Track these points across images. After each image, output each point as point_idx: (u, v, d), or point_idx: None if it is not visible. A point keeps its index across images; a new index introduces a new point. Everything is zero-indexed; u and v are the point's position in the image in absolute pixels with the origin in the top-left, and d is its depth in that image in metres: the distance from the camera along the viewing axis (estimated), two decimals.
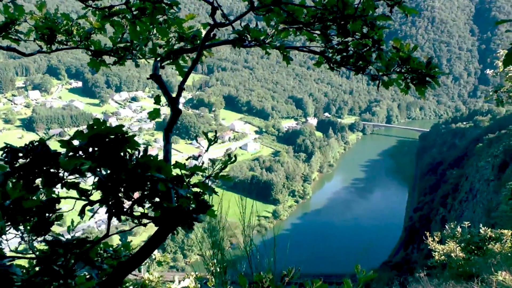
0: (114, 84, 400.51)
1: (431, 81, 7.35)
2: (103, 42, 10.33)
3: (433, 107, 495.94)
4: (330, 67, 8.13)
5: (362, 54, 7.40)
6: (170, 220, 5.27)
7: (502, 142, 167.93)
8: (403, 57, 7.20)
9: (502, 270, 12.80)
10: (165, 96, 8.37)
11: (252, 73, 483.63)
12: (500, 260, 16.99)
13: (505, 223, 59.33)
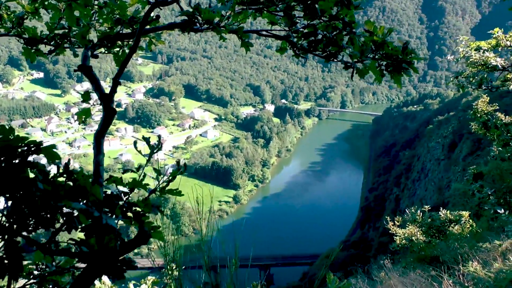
0: (75, 74, 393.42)
1: (408, 68, 6.47)
2: (41, 29, 8.64)
3: (385, 92, 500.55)
4: (295, 53, 6.87)
5: (333, 38, 6.36)
6: (90, 267, 3.90)
7: (451, 123, 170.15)
8: (377, 42, 6.28)
9: (471, 260, 12.24)
10: (97, 92, 6.18)
11: (211, 62, 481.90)
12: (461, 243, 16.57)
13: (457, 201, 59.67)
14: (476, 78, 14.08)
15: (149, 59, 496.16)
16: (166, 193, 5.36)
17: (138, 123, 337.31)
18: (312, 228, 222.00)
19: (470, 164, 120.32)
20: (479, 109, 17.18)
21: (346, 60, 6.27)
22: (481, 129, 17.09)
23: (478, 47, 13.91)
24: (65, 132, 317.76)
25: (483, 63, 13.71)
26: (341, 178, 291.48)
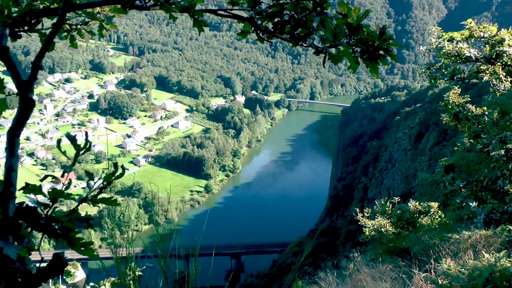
0: (47, 65, 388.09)
1: (385, 55, 5.71)
2: None
3: (354, 83, 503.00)
4: (259, 37, 6.08)
5: (302, 19, 5.58)
6: None
7: (418, 114, 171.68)
8: (351, 25, 5.52)
9: (441, 251, 11.83)
10: (13, 79, 3.89)
11: (182, 54, 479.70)
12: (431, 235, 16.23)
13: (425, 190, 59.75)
14: (449, 70, 13.66)
15: (120, 50, 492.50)
16: (99, 202, 4.03)
17: (110, 114, 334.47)
18: (282, 217, 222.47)
19: (436, 154, 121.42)
20: (450, 101, 16.81)
21: (317, 44, 5.44)
22: (452, 120, 16.74)
23: (451, 38, 13.48)
24: (37, 123, 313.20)
25: (456, 54, 13.30)
26: (310, 168, 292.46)
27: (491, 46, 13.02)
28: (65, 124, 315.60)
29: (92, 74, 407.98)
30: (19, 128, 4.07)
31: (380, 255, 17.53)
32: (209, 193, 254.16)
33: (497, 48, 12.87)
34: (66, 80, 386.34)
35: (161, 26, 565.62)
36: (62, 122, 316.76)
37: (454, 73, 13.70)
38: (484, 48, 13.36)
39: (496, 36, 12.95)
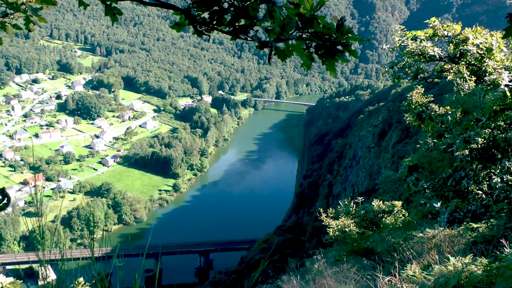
0: (14, 66, 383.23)
1: (344, 51, 5.04)
2: None
3: (319, 83, 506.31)
4: (196, 30, 5.26)
5: (243, 8, 4.73)
6: None
7: (381, 113, 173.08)
8: (304, 16, 4.80)
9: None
10: None
11: (149, 55, 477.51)
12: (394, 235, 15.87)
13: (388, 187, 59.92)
14: (412, 69, 13.26)
15: (88, 51, 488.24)
16: None
17: (79, 115, 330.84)
18: (250, 214, 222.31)
19: (399, 152, 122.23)
20: (413, 101, 16.43)
21: (262, 38, 4.49)
22: (416, 120, 16.37)
23: (415, 36, 13.08)
24: (5, 124, 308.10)
25: (420, 53, 12.90)
26: (276, 166, 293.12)
27: (455, 45, 12.66)
28: (33, 125, 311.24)
29: (59, 75, 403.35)
30: None
31: (344, 255, 17.13)
32: (177, 192, 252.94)
33: (461, 47, 12.52)
34: (34, 81, 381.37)
35: (128, 27, 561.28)
36: (30, 123, 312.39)
37: (418, 72, 13.31)
38: (448, 47, 13.00)
39: (460, 35, 12.61)
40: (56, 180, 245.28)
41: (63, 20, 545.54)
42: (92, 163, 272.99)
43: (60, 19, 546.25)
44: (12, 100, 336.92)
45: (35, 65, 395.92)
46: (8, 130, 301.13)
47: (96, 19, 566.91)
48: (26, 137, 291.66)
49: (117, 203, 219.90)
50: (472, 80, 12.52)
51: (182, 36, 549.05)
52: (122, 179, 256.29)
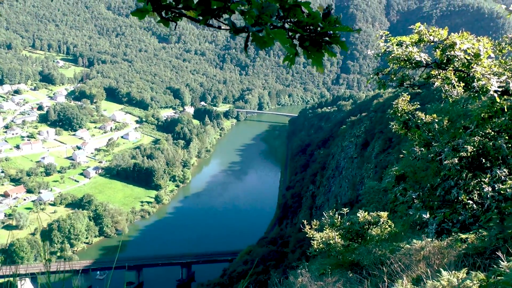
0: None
1: (332, 43, 4.47)
2: None
3: (301, 94, 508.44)
4: (161, 17, 4.64)
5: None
6: None
7: (363, 123, 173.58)
8: (286, 2, 4.15)
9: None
10: None
11: (131, 66, 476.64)
12: (381, 247, 15.42)
13: (372, 198, 59.71)
14: (398, 76, 12.84)
15: (70, 61, 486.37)
16: None
17: (60, 126, 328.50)
18: (232, 226, 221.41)
19: (382, 162, 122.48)
20: (399, 108, 16.02)
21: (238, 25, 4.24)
22: (402, 128, 15.95)
23: (400, 42, 12.67)
24: None
25: (406, 59, 12.48)
26: (259, 177, 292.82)
27: (441, 50, 12.28)
28: (14, 136, 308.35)
29: (41, 86, 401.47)
30: None
31: (329, 269, 16.66)
32: (159, 203, 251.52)
33: (448, 52, 12.14)
34: (15, 92, 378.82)
35: (110, 37, 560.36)
36: (12, 134, 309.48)
37: (403, 79, 12.90)
38: (434, 52, 12.61)
39: (446, 40, 12.23)
40: (37, 192, 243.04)
41: (46, 31, 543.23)
42: (74, 174, 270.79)
43: (43, 29, 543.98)
44: None
45: (17, 76, 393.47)
46: None
47: (79, 30, 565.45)
48: (7, 148, 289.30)
49: (99, 215, 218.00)
50: (460, 86, 12.13)
51: (164, 48, 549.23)
52: (104, 191, 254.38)
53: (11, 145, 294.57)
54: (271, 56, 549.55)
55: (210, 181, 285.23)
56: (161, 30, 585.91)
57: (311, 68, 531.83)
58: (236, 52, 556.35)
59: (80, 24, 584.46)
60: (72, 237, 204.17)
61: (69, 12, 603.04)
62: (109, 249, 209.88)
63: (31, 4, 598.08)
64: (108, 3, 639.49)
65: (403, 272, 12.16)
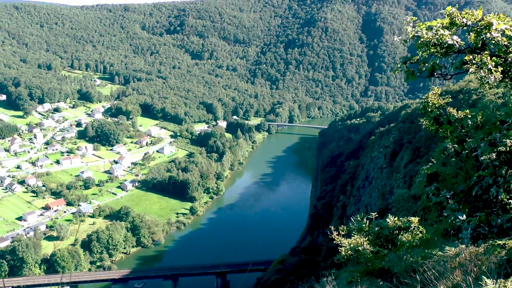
0: (37, 96, 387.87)
1: None
2: None
3: (330, 106, 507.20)
4: None
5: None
6: None
7: (392, 134, 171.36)
8: None
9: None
10: None
11: (166, 82, 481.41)
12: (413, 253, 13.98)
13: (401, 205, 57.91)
14: (427, 65, 11.44)
15: (107, 80, 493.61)
16: None
17: (98, 141, 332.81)
18: (265, 235, 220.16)
19: (411, 171, 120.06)
20: (429, 103, 14.57)
21: None
22: (433, 125, 14.49)
23: (430, 27, 11.28)
24: (28, 152, 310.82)
25: (436, 43, 11.08)
26: (290, 188, 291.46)
27: (476, 33, 10.84)
28: (54, 152, 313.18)
29: (80, 103, 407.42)
30: None
31: (358, 277, 15.25)
32: (194, 215, 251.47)
33: (483, 35, 10.70)
34: (55, 110, 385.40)
35: (145, 56, 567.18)
36: (52, 150, 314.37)
37: (434, 68, 11.48)
38: (468, 36, 11.18)
39: (482, 21, 10.81)
40: (76, 204, 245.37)
41: (83, 51, 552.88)
42: (111, 187, 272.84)
43: (80, 50, 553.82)
44: (35, 128, 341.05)
45: (57, 95, 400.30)
46: (31, 157, 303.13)
47: (115, 49, 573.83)
48: (48, 163, 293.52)
49: (136, 226, 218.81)
50: (498, 71, 10.66)
51: (197, 64, 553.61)
52: (140, 203, 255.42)
53: (52, 160, 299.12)
54: (301, 70, 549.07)
55: (243, 192, 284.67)
56: (193, 47, 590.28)
57: (339, 81, 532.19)
58: (266, 67, 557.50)
59: (116, 44, 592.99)
60: (111, 247, 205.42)
61: (105, 33, 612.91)
62: (146, 258, 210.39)
63: (69, 27, 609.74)
64: (142, 23, 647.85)
65: (438, 280, 10.80)
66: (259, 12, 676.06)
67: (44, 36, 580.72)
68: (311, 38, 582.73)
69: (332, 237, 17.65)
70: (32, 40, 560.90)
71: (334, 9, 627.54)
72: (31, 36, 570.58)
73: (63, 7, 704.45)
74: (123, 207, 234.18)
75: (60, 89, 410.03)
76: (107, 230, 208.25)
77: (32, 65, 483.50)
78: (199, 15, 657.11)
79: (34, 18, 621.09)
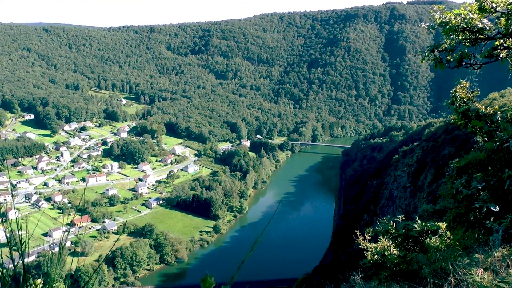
0: (64, 115, 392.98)
1: None
2: None
3: (353, 125, 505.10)
4: None
5: None
6: None
7: (415, 153, 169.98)
8: None
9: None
10: None
11: (190, 102, 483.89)
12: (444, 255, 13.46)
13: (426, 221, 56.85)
14: (455, 55, 10.99)
15: (132, 99, 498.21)
16: None
17: (123, 160, 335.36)
18: (288, 254, 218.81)
19: (434, 190, 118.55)
20: (457, 97, 14.05)
21: None
22: (460, 119, 13.96)
23: (458, 14, 10.86)
24: (54, 169, 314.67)
25: (465, 26, 10.63)
26: (314, 207, 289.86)
27: (507, 17, 10.37)
28: (80, 169, 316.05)
29: (106, 122, 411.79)
30: None
31: (385, 280, 14.75)
32: (217, 233, 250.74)
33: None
34: (82, 129, 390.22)
35: (170, 76, 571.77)
36: (78, 168, 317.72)
37: (462, 57, 11.02)
38: (497, 21, 10.72)
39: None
40: (101, 221, 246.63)
41: (110, 71, 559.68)
42: (136, 205, 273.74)
43: (107, 71, 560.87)
44: (61, 147, 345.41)
45: (83, 114, 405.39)
46: (57, 175, 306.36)
47: (141, 70, 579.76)
48: (74, 181, 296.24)
49: (159, 243, 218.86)
50: None
51: (221, 84, 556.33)
52: (164, 221, 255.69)
53: (78, 178, 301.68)
54: (324, 89, 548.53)
55: (266, 211, 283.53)
56: (218, 67, 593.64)
57: (362, 100, 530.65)
58: (289, 86, 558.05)
59: (142, 64, 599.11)
60: (134, 263, 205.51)
61: (131, 54, 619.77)
62: (169, 276, 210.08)
63: (97, 48, 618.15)
64: (168, 44, 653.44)
65: (468, 281, 10.28)
66: (282, 33, 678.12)
67: (72, 57, 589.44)
68: (334, 57, 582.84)
69: (356, 241, 17.21)
70: (61, 61, 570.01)
71: (357, 28, 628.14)
72: (60, 58, 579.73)
73: (90, 29, 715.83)
74: (147, 224, 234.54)
75: (86, 108, 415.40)
76: (131, 246, 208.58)
77: (60, 85, 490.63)
78: (223, 35, 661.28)
79: (63, 40, 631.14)
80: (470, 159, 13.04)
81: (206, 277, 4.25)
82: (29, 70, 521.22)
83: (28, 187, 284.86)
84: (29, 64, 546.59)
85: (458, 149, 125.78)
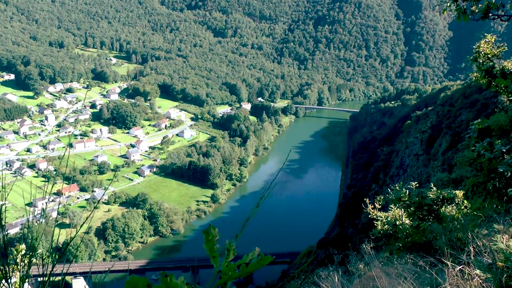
0: (48, 76, 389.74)
1: None
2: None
3: (362, 88, 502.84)
4: None
5: None
6: None
7: (429, 118, 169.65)
8: None
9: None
10: None
11: (186, 61, 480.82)
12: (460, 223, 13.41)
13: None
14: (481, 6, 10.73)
15: (123, 59, 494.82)
16: None
17: (114, 124, 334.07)
18: (291, 226, 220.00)
19: (450, 159, 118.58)
20: (481, 53, 13.77)
21: None
22: (484, 77, 13.71)
23: None
24: (38, 134, 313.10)
25: None
26: (319, 175, 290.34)
27: None
28: (67, 134, 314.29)
29: (94, 84, 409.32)
30: None
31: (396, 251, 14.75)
32: (216, 203, 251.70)
33: None
34: (68, 90, 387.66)
35: (164, 33, 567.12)
36: (64, 133, 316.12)
37: (489, 8, 10.77)
38: None
39: None
40: (90, 190, 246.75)
41: (98, 28, 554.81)
42: (128, 173, 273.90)
43: (95, 27, 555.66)
44: (46, 110, 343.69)
45: (69, 74, 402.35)
46: (42, 140, 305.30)
47: (132, 26, 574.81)
48: (60, 147, 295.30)
49: (154, 214, 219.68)
50: None
51: (219, 42, 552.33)
52: (159, 190, 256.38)
53: (64, 143, 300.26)
54: (331, 49, 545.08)
55: (268, 179, 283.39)
56: (216, 24, 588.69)
57: (373, 60, 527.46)
58: (294, 45, 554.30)
59: (133, 20, 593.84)
60: (127, 236, 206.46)
61: (122, 9, 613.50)
62: (164, 249, 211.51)
63: (83, 2, 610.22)
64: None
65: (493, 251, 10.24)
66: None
67: (55, 12, 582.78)
68: (343, 14, 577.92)
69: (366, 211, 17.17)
70: (43, 16, 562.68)
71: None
72: (42, 12, 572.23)
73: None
74: (140, 194, 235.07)
75: (73, 68, 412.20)
76: (123, 218, 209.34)
77: (43, 42, 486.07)
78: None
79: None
80: (494, 121, 12.88)
81: (209, 228, 4.23)
82: (7, 26, 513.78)
83: (9, 153, 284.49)
84: (7, 18, 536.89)
85: (477, 115, 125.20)
